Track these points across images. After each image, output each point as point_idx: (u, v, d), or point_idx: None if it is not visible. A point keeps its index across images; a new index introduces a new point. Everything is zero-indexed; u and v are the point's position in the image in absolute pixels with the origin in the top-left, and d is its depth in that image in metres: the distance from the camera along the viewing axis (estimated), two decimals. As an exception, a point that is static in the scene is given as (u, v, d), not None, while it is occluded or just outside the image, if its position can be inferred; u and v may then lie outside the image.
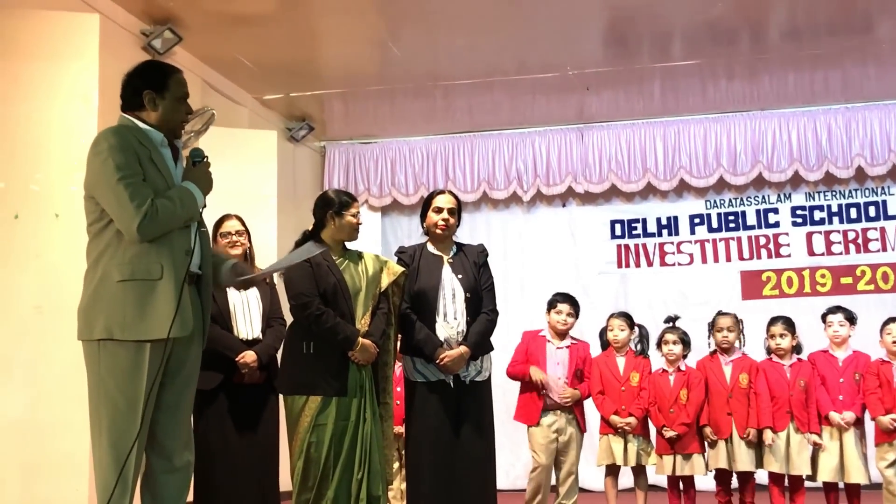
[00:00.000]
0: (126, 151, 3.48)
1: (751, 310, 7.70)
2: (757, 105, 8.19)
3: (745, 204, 8.41)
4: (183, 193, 3.56)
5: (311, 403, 4.71)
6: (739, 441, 6.05)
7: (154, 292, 3.47)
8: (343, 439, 4.72)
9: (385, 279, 5.03)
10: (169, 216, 3.50)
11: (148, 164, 3.54)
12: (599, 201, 8.70)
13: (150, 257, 3.50)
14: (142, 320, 3.45)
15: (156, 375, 3.46)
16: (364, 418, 4.78)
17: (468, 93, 7.79)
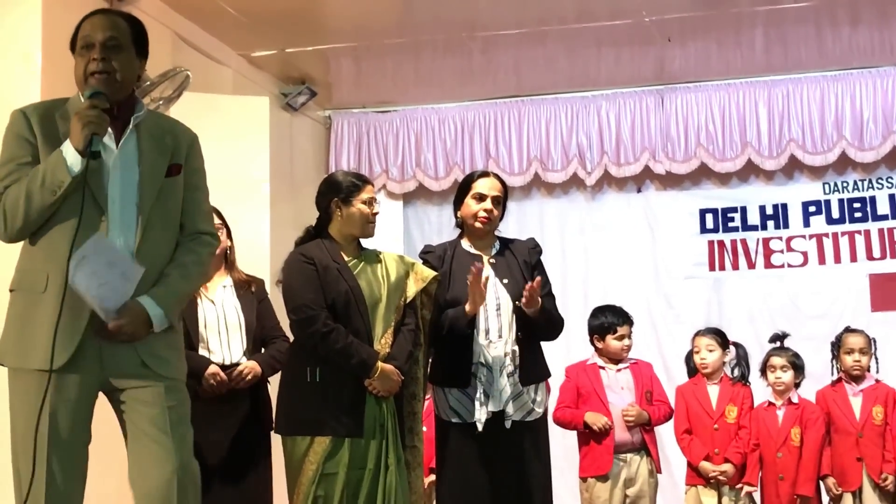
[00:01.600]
0: (14, 133, 3.66)
1: (883, 324, 7.68)
2: (889, 59, 8.13)
3: (874, 187, 8.35)
4: (48, 160, 3.57)
5: (316, 447, 4.71)
6: (873, 495, 6.01)
7: (37, 309, 3.55)
8: (359, 493, 4.71)
9: (412, 287, 5.03)
10: (14, 202, 3.56)
11: (59, 144, 3.59)
12: (685, 185, 8.69)
13: (35, 263, 3.62)
14: (21, 345, 3.57)
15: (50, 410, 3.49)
16: (386, 465, 4.77)
17: (514, 46, 7.78)
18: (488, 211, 5.23)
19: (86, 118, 3.49)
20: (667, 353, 7.99)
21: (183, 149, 3.87)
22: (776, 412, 6.19)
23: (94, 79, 3.65)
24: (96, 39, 3.66)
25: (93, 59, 3.65)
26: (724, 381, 6.29)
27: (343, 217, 4.95)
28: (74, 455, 3.61)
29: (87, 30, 3.69)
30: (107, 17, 3.75)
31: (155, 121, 3.88)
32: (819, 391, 6.29)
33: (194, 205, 3.89)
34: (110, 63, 3.66)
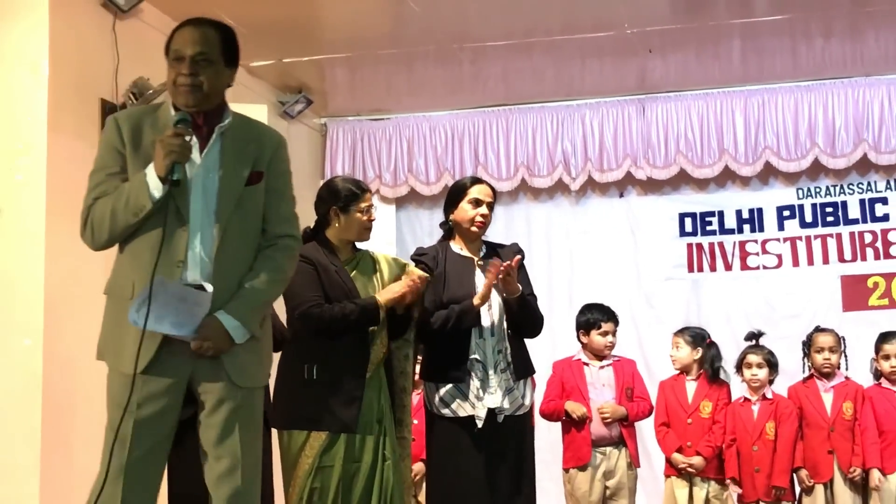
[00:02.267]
0: (106, 140, 3.70)
1: (854, 323, 7.70)
2: (861, 70, 8.14)
3: (846, 192, 8.36)
4: (133, 180, 3.60)
5: (313, 441, 4.69)
6: (843, 486, 6.03)
7: (125, 314, 3.54)
8: (353, 486, 4.70)
9: None
10: (101, 217, 3.61)
11: (146, 153, 3.63)
12: (665, 190, 8.69)
13: (123, 269, 3.68)
14: (117, 347, 3.61)
15: (144, 409, 3.56)
16: (384, 458, 4.77)
17: (502, 57, 7.77)
18: (484, 216, 5.24)
19: (168, 147, 3.50)
20: (648, 351, 8.01)
21: (266, 155, 3.82)
22: (751, 407, 6.21)
23: (181, 90, 3.65)
24: (186, 54, 3.64)
25: (181, 74, 3.64)
26: (702, 377, 6.32)
27: (341, 224, 4.93)
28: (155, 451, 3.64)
29: (178, 42, 3.67)
30: (198, 31, 3.69)
31: (242, 127, 3.83)
32: (791, 387, 6.32)
33: (275, 209, 3.85)
34: (198, 77, 3.64)
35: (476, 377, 5.04)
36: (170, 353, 3.58)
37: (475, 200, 5.25)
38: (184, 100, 3.67)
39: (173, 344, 3.57)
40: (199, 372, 3.65)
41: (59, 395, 5.40)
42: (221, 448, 3.65)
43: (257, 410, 3.80)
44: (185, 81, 3.63)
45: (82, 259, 5.53)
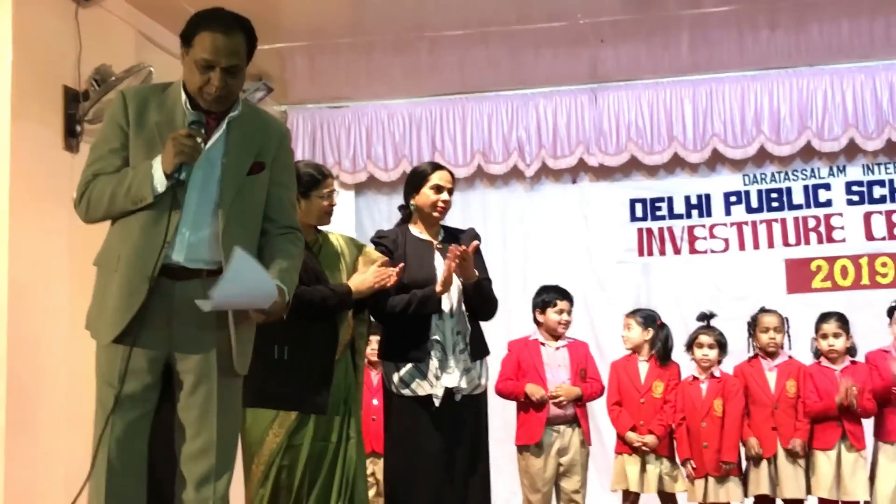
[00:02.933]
0: (110, 115, 3.67)
1: (797, 305, 7.73)
2: (805, 60, 8.16)
3: (790, 179, 8.40)
4: (138, 169, 3.56)
5: (282, 420, 4.66)
6: (786, 462, 6.07)
7: (110, 286, 3.58)
8: (321, 463, 4.68)
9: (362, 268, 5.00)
10: (99, 196, 3.59)
11: (149, 133, 3.61)
12: (616, 176, 8.68)
13: (112, 243, 3.66)
14: (100, 316, 3.61)
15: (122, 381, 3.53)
16: (348, 437, 4.76)
17: (459, 46, 7.73)
18: (446, 202, 5.25)
19: (180, 147, 3.47)
20: (599, 333, 8.00)
21: (271, 146, 3.80)
22: (700, 385, 6.24)
23: (209, 97, 3.60)
24: (219, 64, 3.56)
25: (210, 84, 3.57)
26: (653, 358, 6.33)
27: (302, 208, 4.85)
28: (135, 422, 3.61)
29: (209, 49, 3.55)
30: (232, 40, 3.58)
31: (248, 118, 3.78)
32: (737, 366, 6.36)
33: (281, 200, 3.84)
34: (227, 87, 3.60)
35: (435, 357, 5.04)
36: (142, 326, 3.54)
37: (437, 187, 5.24)
38: (208, 106, 3.65)
39: (148, 317, 3.53)
40: (178, 345, 3.63)
41: (23, 376, 5.33)
42: (200, 427, 3.64)
43: (237, 391, 3.78)
44: (216, 93, 3.59)
45: (46, 242, 5.53)
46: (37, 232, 5.49)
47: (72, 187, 5.40)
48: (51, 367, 5.55)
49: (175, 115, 3.65)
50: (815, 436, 6.14)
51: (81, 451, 4.17)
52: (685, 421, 6.22)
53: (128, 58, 6.16)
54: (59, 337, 5.59)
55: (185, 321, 3.60)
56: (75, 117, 5.77)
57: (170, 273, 3.57)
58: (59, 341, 5.59)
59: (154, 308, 3.55)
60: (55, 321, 5.59)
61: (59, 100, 5.74)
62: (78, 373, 5.49)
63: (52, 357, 5.55)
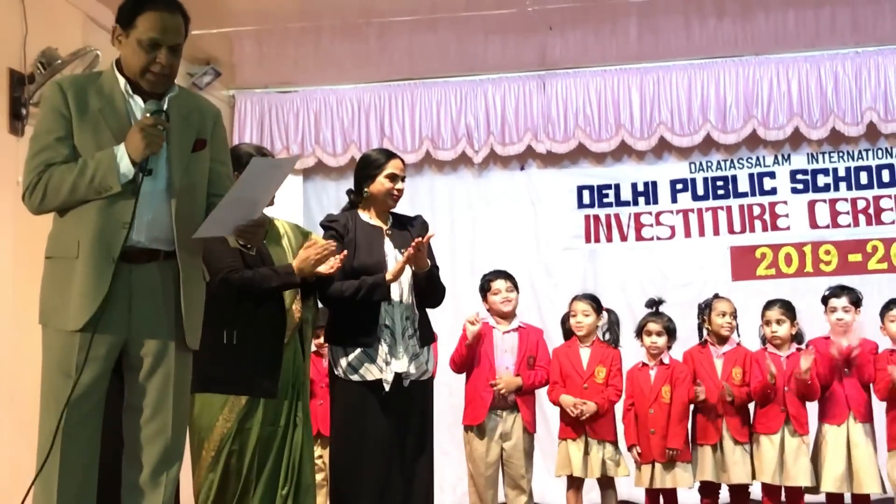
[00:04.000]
0: (50, 105, 3.62)
1: (742, 292, 7.80)
2: (751, 49, 8.23)
3: (736, 167, 8.47)
4: (99, 159, 3.56)
5: (233, 405, 4.65)
6: (733, 448, 6.14)
7: (72, 274, 3.56)
8: (270, 448, 4.68)
9: None
10: (57, 188, 3.57)
11: (93, 119, 3.61)
12: (564, 163, 8.70)
13: (67, 231, 3.63)
14: (62, 306, 3.57)
15: (88, 371, 3.53)
16: (295, 423, 4.76)
17: (408, 32, 7.74)
18: (400, 190, 5.28)
19: (149, 137, 3.50)
20: (546, 319, 8.01)
21: (209, 124, 3.85)
22: (649, 372, 6.28)
23: (152, 77, 3.63)
24: (165, 43, 3.60)
25: (157, 62, 3.60)
26: (595, 343, 6.37)
27: None
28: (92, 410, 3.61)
29: (156, 28, 3.58)
30: (175, 19, 3.63)
31: (183, 98, 3.82)
32: (686, 352, 6.41)
33: (221, 176, 3.89)
34: (171, 66, 3.64)
35: (385, 343, 5.05)
36: (111, 311, 3.55)
37: (392, 175, 5.26)
38: (152, 86, 3.67)
39: (109, 303, 3.54)
40: (136, 330, 3.64)
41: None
42: (157, 408, 3.67)
43: (189, 371, 3.82)
44: (162, 71, 3.62)
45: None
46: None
47: (17, 171, 5.37)
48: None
49: (115, 99, 3.66)
50: (759, 420, 6.21)
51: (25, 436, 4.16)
52: (633, 407, 6.26)
53: (74, 41, 6.10)
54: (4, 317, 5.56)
55: (143, 304, 3.63)
56: (20, 100, 5.73)
57: (128, 256, 3.59)
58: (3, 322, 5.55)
59: (114, 293, 3.56)
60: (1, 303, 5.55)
61: (4, 82, 5.71)
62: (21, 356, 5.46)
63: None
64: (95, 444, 3.64)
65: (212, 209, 3.72)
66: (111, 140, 3.59)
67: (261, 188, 3.72)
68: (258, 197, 3.71)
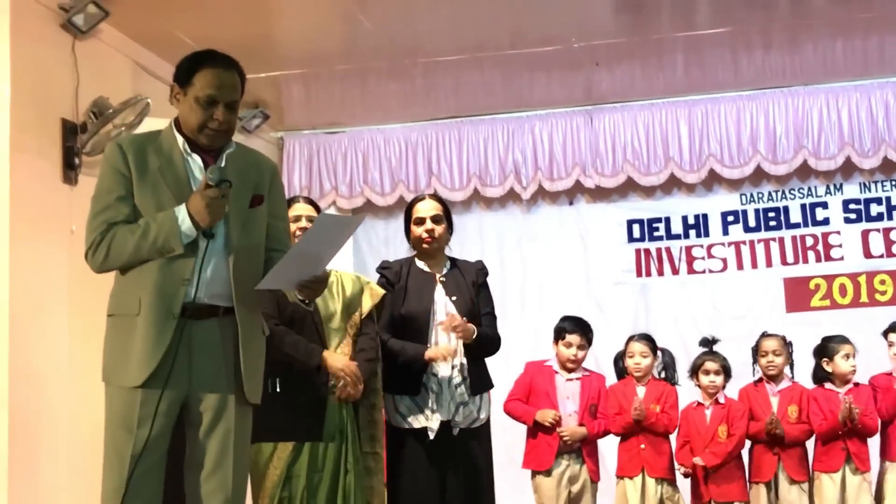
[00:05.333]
0: (111, 165, 3.69)
1: (796, 324, 7.76)
2: (800, 80, 8.19)
3: (787, 198, 8.41)
4: (161, 220, 3.62)
5: (280, 452, 4.71)
6: (789, 488, 6.07)
7: (133, 331, 3.60)
8: (318, 494, 4.71)
9: (367, 302, 5.06)
10: (121, 248, 3.64)
11: (153, 179, 3.68)
12: (613, 198, 8.70)
13: (129, 288, 3.69)
14: (123, 363, 3.61)
15: (150, 426, 3.57)
16: (346, 469, 4.78)
17: (454, 71, 7.76)
18: (429, 231, 5.27)
19: (214, 207, 3.57)
20: (599, 355, 7.93)
21: (266, 180, 3.90)
22: (704, 412, 6.21)
23: (211, 133, 3.69)
24: (222, 99, 3.68)
25: (214, 119, 3.67)
26: (650, 382, 6.32)
27: None
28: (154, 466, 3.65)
29: (213, 85, 3.68)
30: (232, 76, 3.74)
31: (241, 154, 3.88)
32: (742, 389, 6.35)
33: (280, 231, 3.96)
34: (228, 123, 3.71)
35: (432, 391, 5.06)
36: (171, 366, 3.58)
37: (418, 220, 5.30)
38: (211, 142, 3.74)
39: (175, 357, 3.59)
40: (197, 385, 3.68)
41: (25, 410, 5.33)
42: (217, 464, 3.70)
43: (249, 425, 3.84)
44: (220, 127, 3.69)
45: (45, 274, 5.54)
46: (36, 264, 5.50)
47: (71, 219, 5.48)
48: (51, 402, 5.55)
49: (173, 158, 3.73)
50: (819, 458, 6.13)
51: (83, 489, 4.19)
52: (688, 444, 6.20)
53: (125, 89, 6.19)
54: (60, 368, 5.62)
55: (203, 359, 3.68)
56: (73, 150, 5.80)
57: (188, 312, 3.63)
58: (59, 373, 5.61)
59: (174, 349, 3.60)
60: (55, 353, 5.61)
61: (57, 132, 5.77)
62: (78, 408, 5.51)
63: (52, 391, 5.56)
64: (158, 500, 3.68)
65: (271, 263, 3.77)
66: (170, 198, 3.66)
67: (326, 244, 3.74)
68: (322, 252, 3.74)
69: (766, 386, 6.27)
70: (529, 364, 6.38)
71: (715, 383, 6.21)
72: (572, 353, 6.21)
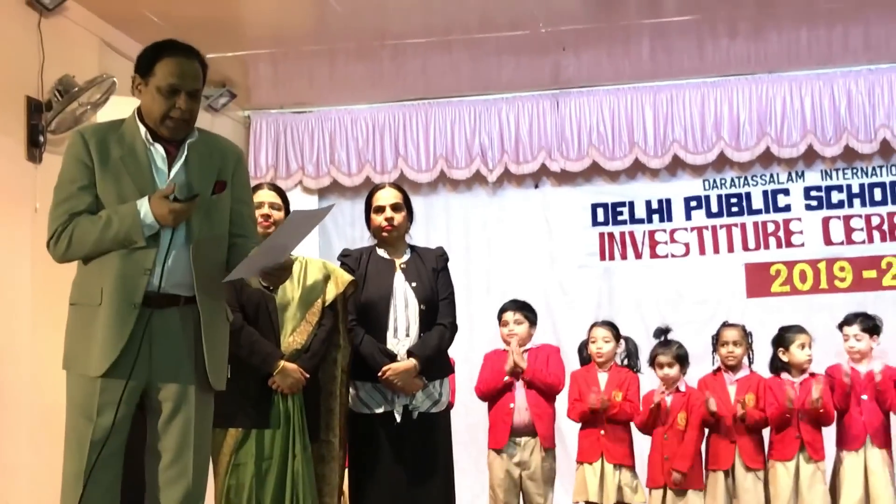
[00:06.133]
0: (72, 155, 3.70)
1: (757, 308, 7.85)
2: (764, 67, 8.25)
3: (749, 184, 8.47)
4: (123, 214, 3.62)
5: (228, 438, 4.73)
6: (744, 474, 6.12)
7: (95, 320, 3.61)
8: (266, 481, 4.71)
9: (332, 290, 5.05)
10: (82, 239, 3.65)
11: (115, 168, 3.67)
12: (578, 181, 8.72)
13: (91, 278, 3.69)
14: (85, 352, 3.62)
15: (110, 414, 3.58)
16: (293, 454, 4.77)
17: (422, 53, 7.77)
18: (388, 219, 5.29)
19: (180, 214, 3.59)
20: (562, 337, 8.00)
21: (230, 165, 3.89)
22: (665, 398, 6.24)
23: (172, 123, 3.69)
24: (184, 88, 3.68)
25: (177, 108, 3.67)
26: (613, 368, 6.37)
27: None
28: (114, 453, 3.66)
29: (175, 74, 3.68)
30: (193, 64, 3.74)
31: (204, 140, 3.87)
32: (700, 379, 6.38)
33: (243, 216, 3.95)
34: (190, 112, 3.71)
35: None
36: (132, 356, 3.59)
37: (377, 208, 5.33)
38: (173, 133, 3.74)
39: (131, 348, 3.60)
40: (157, 374, 3.68)
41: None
42: (178, 453, 3.70)
43: (210, 413, 3.85)
44: (182, 116, 3.70)
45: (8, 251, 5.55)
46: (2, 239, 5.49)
47: (35, 198, 5.46)
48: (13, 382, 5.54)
49: (136, 147, 3.73)
50: (774, 447, 6.19)
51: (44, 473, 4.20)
52: (649, 434, 6.25)
53: (91, 67, 6.16)
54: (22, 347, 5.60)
55: (164, 349, 3.68)
56: (38, 128, 5.77)
57: (149, 301, 3.64)
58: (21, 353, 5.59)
59: (136, 338, 3.61)
60: (18, 333, 5.59)
61: (21, 110, 5.74)
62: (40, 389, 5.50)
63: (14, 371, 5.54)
64: (117, 488, 3.70)
65: (235, 249, 3.80)
66: (133, 189, 3.66)
67: (294, 234, 3.77)
68: (289, 242, 3.76)
69: (724, 375, 6.32)
70: (487, 355, 6.44)
71: (669, 375, 6.25)
72: (507, 330, 6.28)
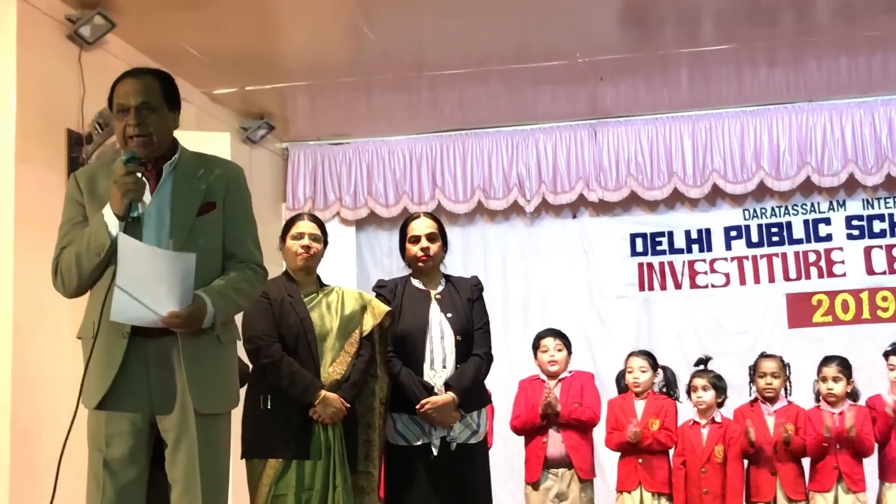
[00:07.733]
0: (68, 196, 3.79)
1: (798, 339, 7.80)
2: (803, 96, 8.23)
3: (790, 213, 8.44)
4: (91, 224, 3.66)
5: (268, 469, 4.72)
6: (787, 506, 6.09)
7: (91, 353, 3.62)
8: None
9: (369, 321, 5.04)
10: (67, 264, 3.68)
11: (100, 200, 3.69)
12: (616, 211, 8.73)
13: (88, 311, 3.74)
14: (87, 385, 3.63)
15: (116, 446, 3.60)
16: (334, 486, 4.76)
17: (459, 84, 7.80)
18: (424, 249, 5.26)
19: (124, 186, 3.54)
20: (600, 368, 7.95)
21: (221, 185, 3.81)
22: (700, 430, 6.20)
23: (133, 142, 3.67)
24: (130, 104, 3.66)
25: (129, 125, 3.66)
26: (650, 395, 6.33)
27: (284, 254, 5.04)
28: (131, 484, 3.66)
29: (120, 95, 3.70)
30: (138, 81, 3.72)
31: (191, 161, 3.83)
32: (737, 409, 6.33)
33: (236, 236, 3.84)
34: (146, 126, 3.66)
35: None
36: (123, 389, 3.60)
37: (413, 238, 5.30)
38: (142, 153, 3.68)
39: (127, 380, 3.60)
40: (157, 405, 3.66)
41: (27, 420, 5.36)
42: (186, 484, 3.65)
43: (220, 438, 3.77)
44: (135, 132, 3.66)
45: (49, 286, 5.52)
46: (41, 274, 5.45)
47: (75, 230, 5.48)
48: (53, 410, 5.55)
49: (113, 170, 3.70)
50: (813, 478, 6.13)
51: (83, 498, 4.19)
52: (685, 467, 6.19)
53: (130, 100, 6.21)
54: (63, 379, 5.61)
55: (160, 379, 3.64)
56: (78, 160, 5.82)
57: (143, 332, 3.60)
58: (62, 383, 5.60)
59: (132, 370, 3.60)
60: (58, 361, 5.61)
61: (62, 143, 5.81)
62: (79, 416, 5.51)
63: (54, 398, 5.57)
64: None
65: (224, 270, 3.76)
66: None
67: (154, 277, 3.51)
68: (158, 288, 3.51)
69: (761, 406, 6.27)
70: (522, 382, 6.42)
71: (703, 399, 6.20)
72: (549, 356, 6.25)
